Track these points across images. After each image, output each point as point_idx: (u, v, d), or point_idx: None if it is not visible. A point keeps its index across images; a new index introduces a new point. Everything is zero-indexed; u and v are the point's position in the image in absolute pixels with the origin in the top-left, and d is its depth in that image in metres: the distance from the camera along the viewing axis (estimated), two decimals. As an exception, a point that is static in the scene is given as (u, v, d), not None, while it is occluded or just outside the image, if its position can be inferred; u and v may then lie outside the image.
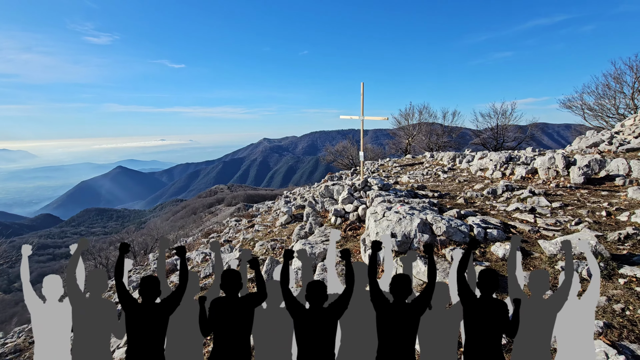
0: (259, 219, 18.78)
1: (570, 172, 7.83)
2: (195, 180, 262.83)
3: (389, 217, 5.71)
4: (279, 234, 12.36)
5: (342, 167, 41.49)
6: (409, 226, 5.35)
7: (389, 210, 6.02)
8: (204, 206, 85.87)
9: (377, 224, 5.74)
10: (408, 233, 5.29)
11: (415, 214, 5.62)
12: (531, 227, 5.49)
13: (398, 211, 5.84)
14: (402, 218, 5.53)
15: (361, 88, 8.13)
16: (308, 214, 8.88)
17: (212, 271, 9.83)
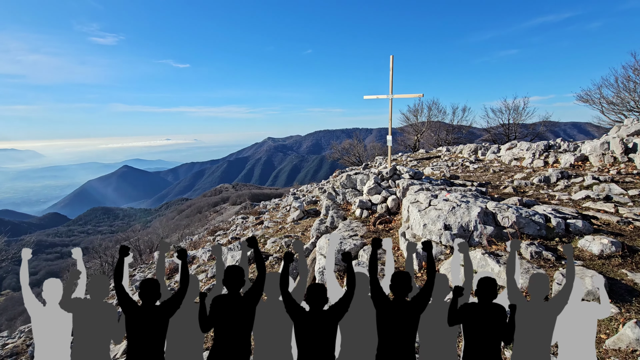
0: (267, 215, 17.82)
1: (635, 157, 6.77)
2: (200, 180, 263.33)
3: (438, 206, 4.70)
4: (292, 230, 11.38)
5: (349, 164, 40.79)
6: (467, 216, 4.34)
7: (434, 198, 5.01)
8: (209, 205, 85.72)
9: (422, 215, 4.73)
10: (466, 224, 4.28)
11: (471, 202, 4.60)
12: (618, 217, 4.46)
13: (447, 199, 4.83)
14: (455, 207, 4.52)
15: (390, 62, 7.12)
16: (328, 207, 7.89)
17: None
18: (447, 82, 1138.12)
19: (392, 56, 7.07)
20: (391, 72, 7.14)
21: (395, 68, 7.09)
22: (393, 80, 7.23)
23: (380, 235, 6.00)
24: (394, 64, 7.14)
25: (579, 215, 4.47)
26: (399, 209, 6.97)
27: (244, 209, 54.65)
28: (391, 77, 7.17)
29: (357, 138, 44.74)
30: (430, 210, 4.73)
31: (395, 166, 7.53)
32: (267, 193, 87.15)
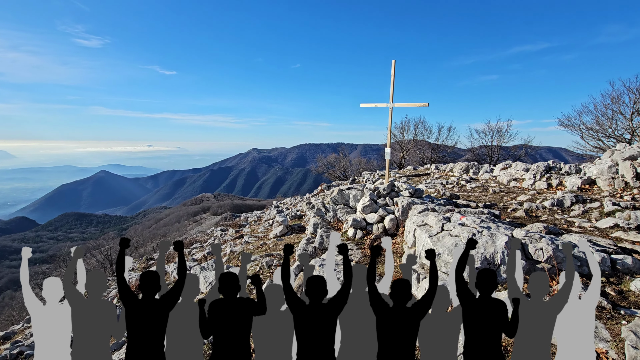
0: (248, 229, 16.75)
1: (652, 182, 6.29)
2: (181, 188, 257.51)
3: (454, 232, 3.93)
4: (274, 247, 10.42)
5: (334, 178, 40.49)
6: (491, 246, 3.58)
7: (447, 221, 4.25)
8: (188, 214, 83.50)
9: (434, 241, 3.95)
10: (491, 256, 3.51)
11: (493, 228, 3.85)
12: (665, 252, 3.82)
13: (464, 223, 4.08)
14: (475, 234, 3.75)
15: (392, 68, 6.44)
16: (316, 225, 7.03)
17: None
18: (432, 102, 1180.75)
19: (395, 61, 6.40)
20: (392, 78, 6.46)
21: (379, 85, 6.51)
22: (394, 88, 6.55)
23: (377, 262, 5.18)
24: (395, 71, 6.46)
25: (620, 250, 3.80)
26: (398, 230, 6.19)
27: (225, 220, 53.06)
28: (392, 84, 6.49)
29: (343, 152, 44.74)
30: (444, 236, 3.95)
31: (393, 182, 6.78)
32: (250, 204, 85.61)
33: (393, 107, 6.61)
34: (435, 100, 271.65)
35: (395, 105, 6.58)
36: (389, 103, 6.65)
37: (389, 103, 6.65)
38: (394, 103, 6.58)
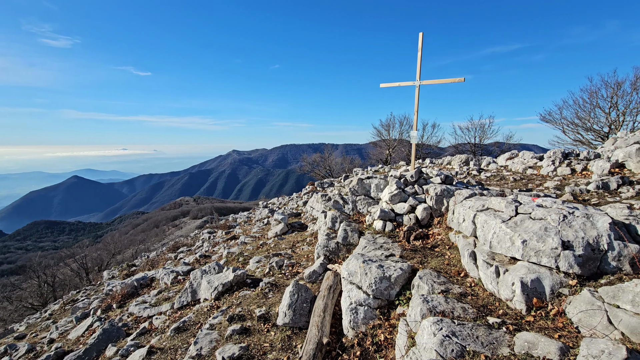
0: (239, 230, 15.73)
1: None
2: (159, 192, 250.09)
3: (535, 215, 3.26)
4: (276, 246, 9.55)
5: (319, 177, 39.92)
6: (592, 229, 2.93)
7: (518, 204, 3.58)
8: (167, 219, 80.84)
9: (512, 227, 3.27)
10: (595, 241, 2.86)
11: (581, 209, 3.22)
12: None
13: (542, 205, 3.43)
14: (567, 215, 3.10)
15: (419, 41, 5.76)
16: (335, 218, 6.25)
17: (189, 299, 6.88)
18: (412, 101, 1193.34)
19: (422, 33, 5.72)
20: (419, 53, 5.77)
21: (364, 85, 5.88)
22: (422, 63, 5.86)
23: (421, 255, 4.46)
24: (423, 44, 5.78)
25: None
26: (432, 220, 5.50)
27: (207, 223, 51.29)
28: (419, 58, 5.80)
29: (328, 151, 44.23)
30: (523, 221, 3.28)
31: (420, 169, 6.10)
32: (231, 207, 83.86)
33: (421, 84, 5.91)
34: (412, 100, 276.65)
35: (423, 82, 5.88)
36: (415, 81, 5.94)
37: (415, 81, 5.94)
38: (422, 80, 5.88)
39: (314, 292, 5.11)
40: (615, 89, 22.91)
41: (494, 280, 3.16)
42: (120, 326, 6.53)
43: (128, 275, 13.80)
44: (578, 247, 2.86)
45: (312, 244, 8.75)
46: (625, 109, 22.67)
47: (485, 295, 3.22)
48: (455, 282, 3.58)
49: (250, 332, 4.54)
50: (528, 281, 2.85)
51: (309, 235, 9.92)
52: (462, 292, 3.31)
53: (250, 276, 7.04)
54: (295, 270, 6.82)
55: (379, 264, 3.86)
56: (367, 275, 3.71)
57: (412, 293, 3.55)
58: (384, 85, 6.51)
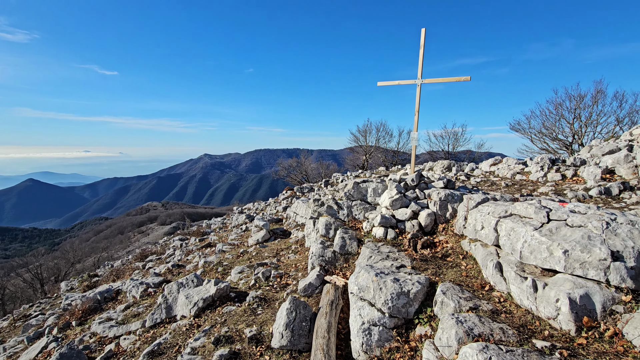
0: (215, 237, 14.88)
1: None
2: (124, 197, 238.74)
3: (573, 222, 2.94)
4: (259, 255, 8.92)
5: (296, 182, 39.52)
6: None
7: (549, 210, 3.26)
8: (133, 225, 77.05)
9: (548, 235, 2.92)
10: (650, 251, 2.56)
11: (619, 215, 2.93)
12: None
13: (575, 211, 3.13)
14: (609, 223, 2.80)
15: (422, 37, 5.44)
16: (329, 225, 5.76)
17: (164, 315, 6.11)
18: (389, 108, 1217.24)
19: (425, 29, 5.41)
20: (422, 50, 5.45)
21: (341, 95, 5.58)
22: (424, 60, 5.54)
23: (434, 265, 4.06)
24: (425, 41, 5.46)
25: None
26: (436, 226, 5.15)
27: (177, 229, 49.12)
28: (421, 55, 5.48)
29: (305, 156, 43.93)
30: (559, 228, 2.94)
31: (420, 172, 5.76)
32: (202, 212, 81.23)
33: (422, 83, 5.58)
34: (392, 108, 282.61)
35: (425, 81, 5.55)
36: (417, 80, 5.61)
37: (417, 80, 5.61)
38: (424, 79, 5.55)
39: (312, 307, 4.58)
40: (578, 101, 24.40)
41: (531, 296, 2.79)
42: (81, 349, 5.63)
43: (90, 287, 12.53)
44: (629, 258, 2.56)
45: (298, 252, 8.20)
46: (587, 120, 24.11)
47: (521, 312, 2.85)
48: (481, 296, 3.19)
49: (241, 357, 3.93)
50: (577, 297, 2.50)
51: (293, 243, 9.36)
52: (493, 309, 2.92)
53: (234, 289, 6.38)
54: (284, 282, 6.24)
55: (394, 277, 3.40)
56: (382, 290, 3.24)
57: (434, 311, 3.12)
58: (382, 83, 6.14)
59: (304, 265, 6.66)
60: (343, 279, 4.78)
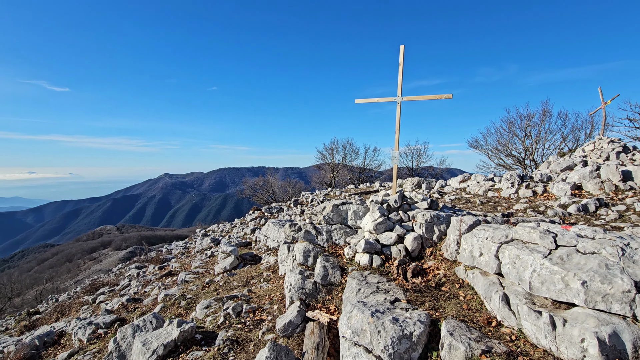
0: (176, 264, 13.78)
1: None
2: (74, 221, 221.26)
3: (585, 248, 2.70)
4: (227, 285, 8.18)
5: (262, 202, 38.67)
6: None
7: (554, 234, 3.03)
8: (83, 251, 71.08)
9: (560, 264, 2.66)
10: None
11: (630, 240, 2.75)
12: None
13: (582, 235, 2.91)
14: (624, 249, 2.58)
15: (400, 55, 5.28)
16: (307, 252, 5.27)
17: (116, 366, 5.23)
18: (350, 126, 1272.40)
19: (403, 46, 5.25)
20: (401, 67, 5.28)
21: (304, 115, 5.43)
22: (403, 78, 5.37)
23: (430, 297, 3.69)
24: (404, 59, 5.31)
25: None
26: (423, 251, 4.84)
27: (134, 255, 45.77)
28: (401, 73, 5.30)
29: (271, 174, 43.35)
30: (572, 255, 2.70)
31: (402, 193, 5.48)
32: (162, 235, 76.83)
33: (402, 101, 5.38)
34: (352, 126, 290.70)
35: (405, 99, 5.36)
36: (396, 97, 5.41)
37: (396, 97, 5.41)
38: (404, 96, 5.36)
39: (293, 350, 4.01)
40: (528, 120, 26.34)
41: (549, 334, 2.48)
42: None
43: (28, 328, 10.89)
44: (655, 290, 2.34)
45: (271, 280, 7.57)
46: (536, 137, 25.95)
47: (539, 354, 2.53)
48: (489, 334, 2.84)
49: (212, 423, 3.26)
50: (605, 337, 2.22)
51: (265, 270, 8.71)
52: (508, 351, 2.58)
53: (200, 328, 5.63)
54: (258, 318, 5.59)
55: (392, 316, 2.98)
56: (381, 334, 2.80)
57: (440, 355, 2.72)
58: (360, 101, 5.88)
59: (279, 297, 6.06)
60: (327, 315, 4.28)
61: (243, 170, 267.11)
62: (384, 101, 5.55)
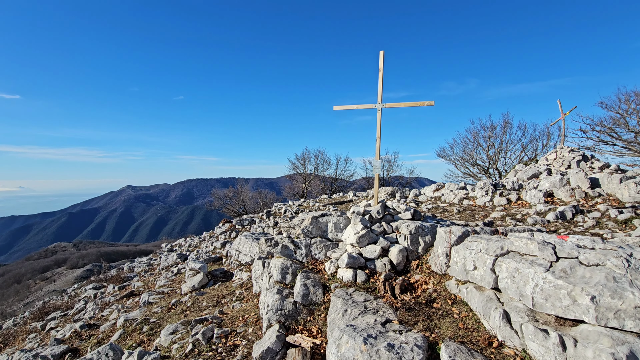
0: (139, 283, 12.83)
1: (622, 188, 6.41)
2: (24, 238, 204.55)
3: (588, 260, 2.55)
4: (196, 305, 7.58)
5: (232, 214, 37.70)
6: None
7: (553, 245, 2.88)
8: (34, 271, 65.51)
9: (562, 277, 2.49)
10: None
11: (626, 248, 2.64)
12: None
13: (581, 245, 2.78)
14: (628, 259, 2.45)
15: (380, 60, 5.12)
16: (285, 268, 4.88)
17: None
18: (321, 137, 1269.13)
19: (383, 52, 5.10)
20: (381, 73, 5.11)
21: (276, 127, 5.25)
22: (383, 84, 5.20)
23: (422, 316, 3.42)
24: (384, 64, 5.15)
25: None
26: (409, 264, 4.60)
27: (92, 274, 42.73)
28: (381, 79, 5.13)
29: (241, 185, 42.49)
30: (575, 268, 2.53)
31: (384, 203, 5.26)
32: (124, 251, 72.66)
33: (383, 108, 5.21)
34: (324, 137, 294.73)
35: (386, 105, 5.18)
36: (377, 104, 5.22)
37: (377, 104, 5.22)
38: (385, 103, 5.18)
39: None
40: (491, 131, 27.72)
41: (560, 356, 2.27)
42: None
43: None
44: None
45: (244, 299, 7.06)
46: (499, 147, 27.29)
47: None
48: (492, 357, 2.60)
49: None
50: (623, 357, 2.04)
51: (237, 287, 8.17)
52: (516, 376, 2.34)
53: (166, 358, 5.04)
54: (231, 343, 5.08)
55: (386, 341, 2.67)
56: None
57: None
58: (338, 107, 5.65)
59: (254, 318, 5.59)
60: (310, 339, 3.90)
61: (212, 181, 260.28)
62: (363, 108, 5.35)
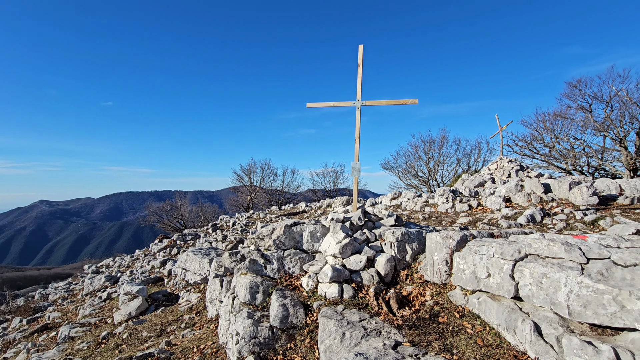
0: (56, 313, 10.90)
1: (575, 192, 6.76)
2: None
3: (620, 259, 2.32)
4: (134, 338, 6.38)
5: (170, 229, 34.98)
6: None
7: (575, 246, 2.63)
8: None
9: (606, 282, 2.22)
10: None
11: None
12: None
13: (604, 244, 2.57)
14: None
15: (359, 55, 4.74)
16: (255, 287, 4.14)
17: None
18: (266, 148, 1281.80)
19: (362, 46, 4.74)
20: (360, 69, 4.73)
21: (218, 138, 4.82)
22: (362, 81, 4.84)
23: (433, 334, 2.97)
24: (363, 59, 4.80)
25: None
26: (397, 275, 4.18)
27: (-8, 303, 36.08)
28: (360, 74, 4.74)
29: (180, 198, 39.83)
30: (612, 269, 2.28)
31: (364, 209, 4.81)
32: (34, 275, 62.95)
33: (362, 105, 4.82)
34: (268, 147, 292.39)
35: (366, 103, 4.79)
36: (356, 101, 4.82)
37: (356, 101, 4.82)
38: (364, 101, 4.80)
39: None
40: (430, 145, 29.60)
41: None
42: None
43: None
44: None
45: (195, 326, 6.07)
46: (437, 160, 29.17)
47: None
48: (532, 380, 2.22)
49: None
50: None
51: (186, 311, 7.10)
52: (570, 403, 1.97)
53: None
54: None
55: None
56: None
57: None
58: (312, 105, 5.13)
59: (212, 348, 4.68)
60: (295, 372, 3.22)
61: (144, 194, 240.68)
62: (340, 105, 4.91)
